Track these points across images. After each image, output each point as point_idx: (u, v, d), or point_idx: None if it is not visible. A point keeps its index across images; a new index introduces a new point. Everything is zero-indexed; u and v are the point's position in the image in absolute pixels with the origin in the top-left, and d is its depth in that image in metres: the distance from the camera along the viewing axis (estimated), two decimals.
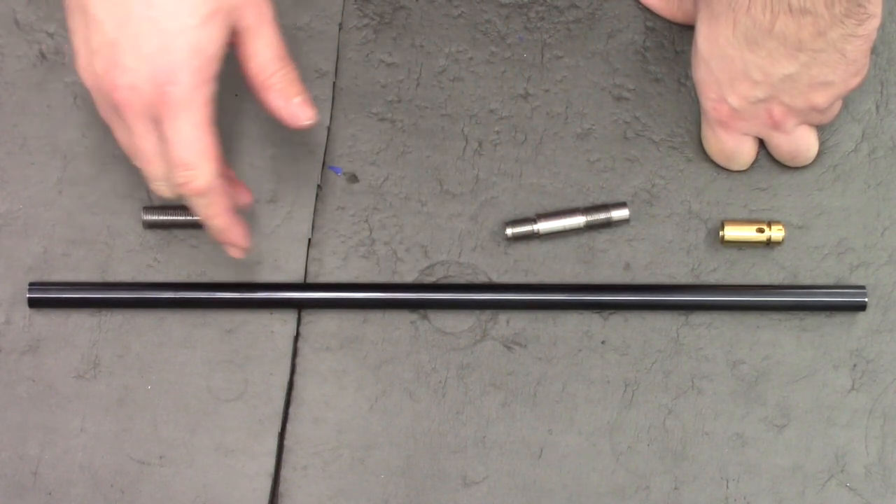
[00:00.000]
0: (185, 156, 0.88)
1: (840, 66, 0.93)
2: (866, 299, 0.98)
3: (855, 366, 0.99)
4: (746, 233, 1.00)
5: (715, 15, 0.93)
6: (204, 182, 0.89)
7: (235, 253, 0.94)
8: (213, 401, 0.98)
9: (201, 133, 0.88)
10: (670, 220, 1.01)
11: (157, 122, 0.88)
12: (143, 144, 0.89)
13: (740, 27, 0.92)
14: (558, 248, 1.01)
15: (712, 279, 1.00)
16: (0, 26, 1.03)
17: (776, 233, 1.00)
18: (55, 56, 1.03)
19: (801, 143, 0.99)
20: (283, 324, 0.99)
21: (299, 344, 0.99)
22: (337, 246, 1.01)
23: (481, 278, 1.00)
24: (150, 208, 1.00)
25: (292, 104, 0.91)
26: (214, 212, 0.91)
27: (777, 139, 0.99)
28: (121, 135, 0.92)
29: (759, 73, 0.93)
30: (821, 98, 0.95)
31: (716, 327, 1.00)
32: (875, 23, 0.92)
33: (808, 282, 1.00)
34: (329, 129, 1.02)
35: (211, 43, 0.87)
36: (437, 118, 1.03)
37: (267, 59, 0.90)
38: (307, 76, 1.02)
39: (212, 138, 0.89)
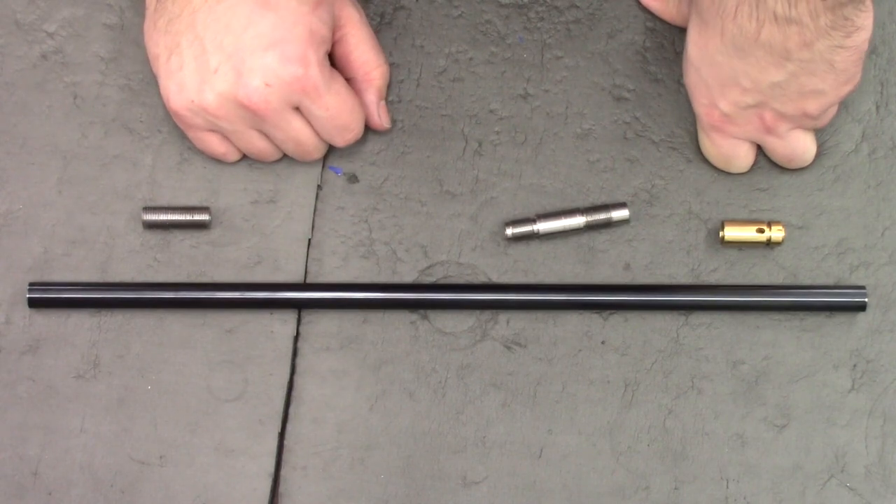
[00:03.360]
0: (343, 122, 0.97)
1: (829, 76, 0.93)
2: (866, 299, 0.98)
3: (855, 366, 0.99)
4: (746, 233, 1.00)
5: (704, 21, 0.93)
6: (360, 132, 0.99)
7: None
8: (213, 401, 0.98)
9: (347, 96, 0.96)
10: (670, 220, 1.01)
11: (297, 110, 0.95)
12: (289, 134, 0.96)
13: (728, 35, 0.91)
14: (558, 248, 1.01)
15: (712, 279, 1.00)
16: (0, 26, 1.03)
17: (776, 233, 1.00)
18: (55, 56, 1.03)
19: (797, 146, 0.99)
20: (283, 324, 0.99)
21: (299, 344, 0.99)
22: (337, 246, 1.01)
23: (481, 278, 1.00)
24: (150, 208, 1.00)
25: (381, 105, 1.00)
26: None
27: (772, 143, 0.99)
28: (245, 143, 0.98)
29: (748, 81, 0.93)
30: (812, 106, 0.95)
31: (716, 327, 1.00)
32: (865, 35, 0.91)
33: (808, 282, 1.00)
34: None
35: (323, 26, 0.94)
36: (437, 118, 1.03)
37: (370, 51, 0.99)
38: None
39: (355, 96, 0.97)
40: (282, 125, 0.95)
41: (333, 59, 0.99)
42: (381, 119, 1.00)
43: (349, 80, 0.98)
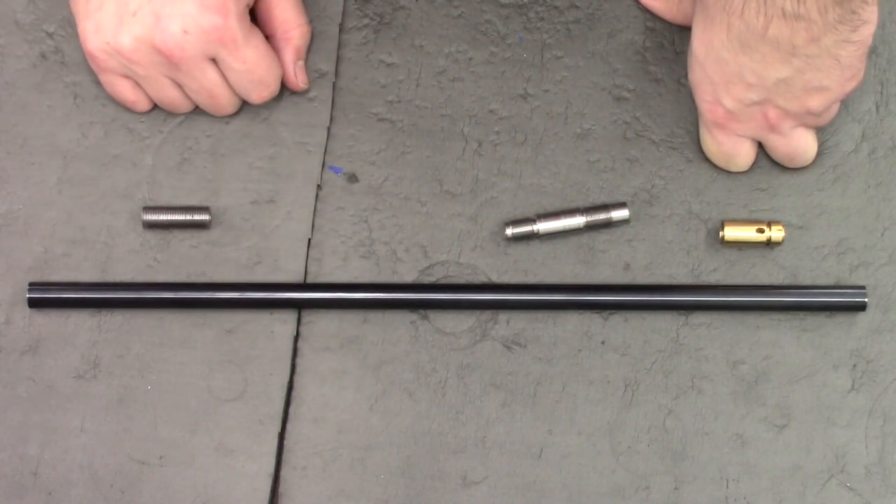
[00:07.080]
0: (259, 77, 0.97)
1: (835, 72, 0.93)
2: (866, 299, 0.98)
3: (855, 366, 0.99)
4: (746, 233, 1.00)
5: (710, 17, 0.93)
6: (277, 90, 0.99)
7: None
8: (213, 401, 0.98)
9: (265, 51, 0.97)
10: (670, 220, 1.01)
11: (214, 60, 0.96)
12: (202, 84, 0.96)
13: (734, 30, 0.91)
14: (558, 248, 1.01)
15: (712, 279, 1.00)
16: (0, 26, 1.03)
17: (776, 233, 1.00)
18: (55, 56, 1.03)
19: (799, 145, 0.99)
20: (283, 324, 0.99)
21: (299, 344, 0.99)
22: (337, 246, 1.01)
23: (481, 278, 1.00)
24: (150, 208, 1.00)
25: (298, 65, 0.99)
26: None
27: (774, 141, 0.99)
28: (157, 91, 0.97)
29: (753, 77, 0.93)
30: (816, 102, 0.95)
31: (716, 327, 1.00)
32: (870, 29, 0.91)
33: (808, 282, 1.00)
34: (329, 129, 1.02)
35: None
36: (437, 118, 1.03)
37: (291, 10, 0.99)
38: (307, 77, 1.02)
39: (273, 52, 0.98)
40: (196, 74, 0.96)
41: (254, 17, 0.99)
42: (297, 79, 1.00)
43: (268, 38, 0.99)
